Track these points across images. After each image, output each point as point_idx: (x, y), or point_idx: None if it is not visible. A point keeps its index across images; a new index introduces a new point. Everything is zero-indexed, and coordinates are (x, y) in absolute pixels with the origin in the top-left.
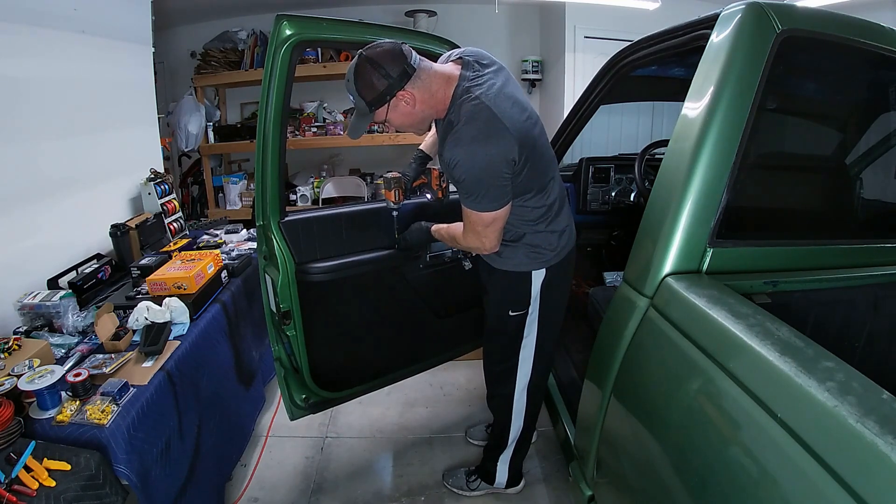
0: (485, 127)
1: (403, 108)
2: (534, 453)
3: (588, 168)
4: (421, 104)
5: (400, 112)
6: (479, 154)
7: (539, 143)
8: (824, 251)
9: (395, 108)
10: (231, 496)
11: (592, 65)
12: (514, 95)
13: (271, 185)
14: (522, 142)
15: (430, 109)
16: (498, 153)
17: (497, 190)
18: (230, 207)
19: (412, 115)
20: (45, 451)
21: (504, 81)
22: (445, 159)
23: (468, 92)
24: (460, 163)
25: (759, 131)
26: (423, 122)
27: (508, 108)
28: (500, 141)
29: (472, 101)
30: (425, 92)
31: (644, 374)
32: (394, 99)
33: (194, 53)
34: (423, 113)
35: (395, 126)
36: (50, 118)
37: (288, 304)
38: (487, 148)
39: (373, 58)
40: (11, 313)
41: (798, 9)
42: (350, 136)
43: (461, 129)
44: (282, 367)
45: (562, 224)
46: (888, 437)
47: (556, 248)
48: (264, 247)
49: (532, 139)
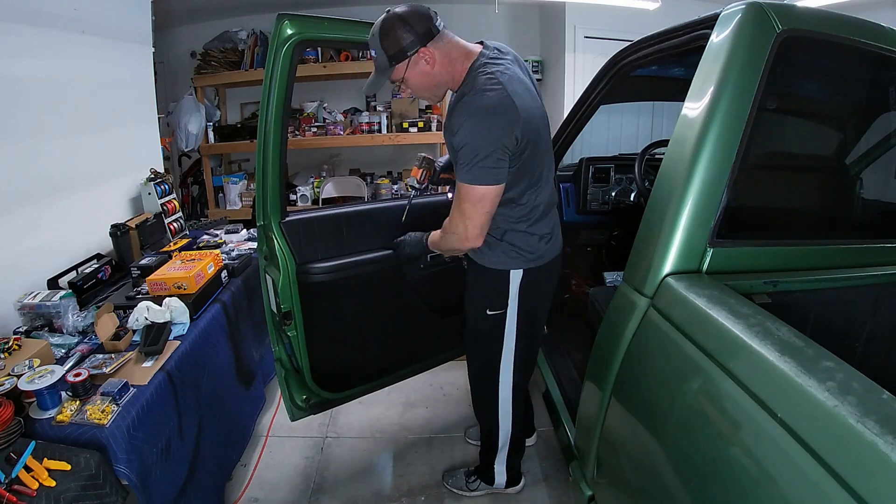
0: (495, 99)
1: (423, 67)
2: (534, 453)
3: (588, 168)
4: (440, 67)
5: (418, 71)
6: (485, 121)
7: (542, 136)
8: (824, 251)
9: (414, 66)
10: (231, 496)
11: (592, 65)
12: (528, 85)
13: (272, 185)
14: (527, 125)
15: (447, 76)
16: (503, 124)
17: (494, 163)
18: (230, 207)
19: (429, 76)
20: (45, 451)
21: (520, 71)
22: (450, 125)
23: (484, 67)
24: (464, 127)
25: (758, 131)
26: (439, 87)
27: (520, 91)
28: (508, 114)
29: (486, 75)
30: (445, 57)
31: (644, 374)
32: (415, 56)
33: (194, 53)
34: (440, 77)
35: (410, 86)
36: (50, 118)
37: (289, 305)
38: (494, 118)
39: (400, 13)
40: (11, 313)
41: (798, 9)
42: (365, 91)
43: (472, 97)
44: (282, 367)
45: (543, 229)
46: (888, 437)
47: (535, 252)
48: (265, 247)
49: (536, 129)
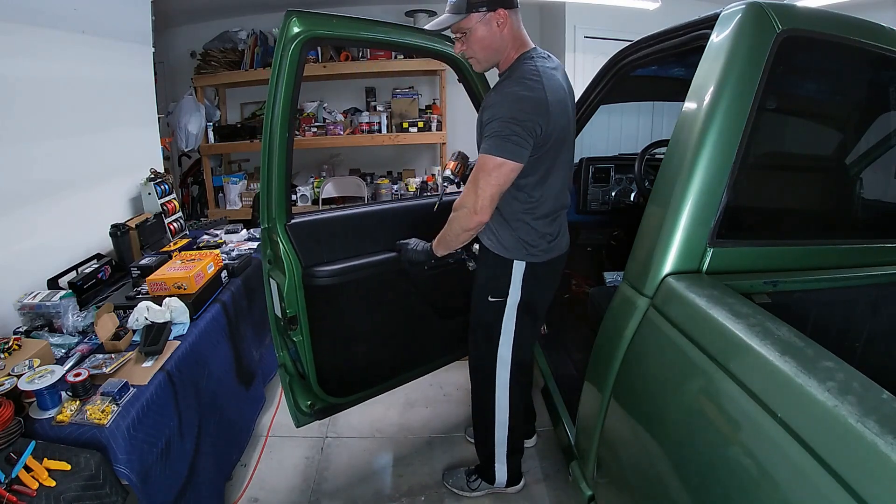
0: (531, 89)
1: (493, 28)
2: (534, 453)
3: (588, 168)
4: (507, 34)
5: (488, 29)
6: (518, 103)
7: (566, 141)
8: (824, 251)
9: (487, 22)
10: (231, 496)
11: (592, 65)
12: (564, 94)
13: (277, 186)
14: (554, 124)
15: (505, 49)
16: (533, 111)
17: (517, 140)
18: (230, 207)
19: (495, 38)
20: (45, 451)
21: (562, 80)
22: (485, 104)
23: (532, 61)
24: (496, 104)
25: (759, 131)
26: (495, 54)
27: (556, 93)
28: (539, 104)
29: (529, 67)
30: (513, 29)
31: (644, 374)
32: (493, 13)
33: (194, 53)
34: (501, 45)
35: (473, 40)
36: (50, 118)
37: (295, 309)
38: (525, 103)
39: None
40: (11, 313)
41: (798, 9)
42: (431, 27)
43: (511, 83)
44: (287, 373)
45: (547, 227)
46: (888, 437)
47: (537, 246)
48: (269, 250)
49: (561, 132)
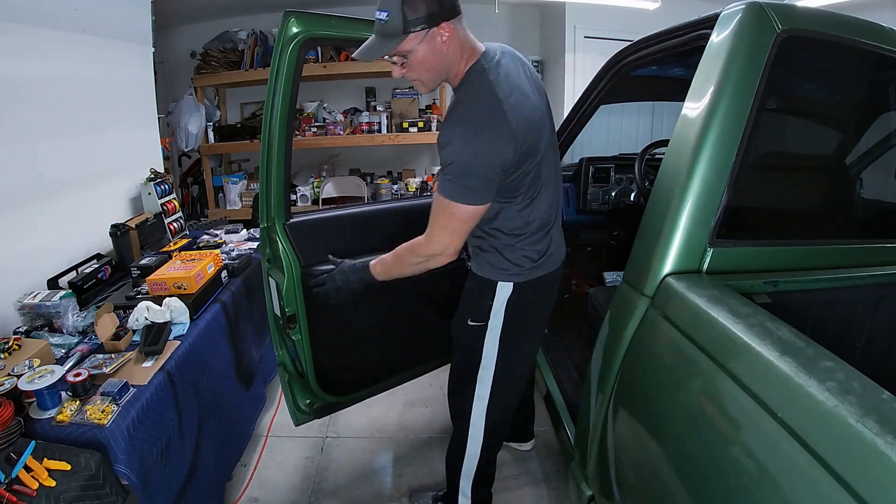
0: (487, 113)
1: (438, 44)
2: (534, 453)
3: (588, 168)
4: (452, 49)
5: (431, 47)
6: (476, 141)
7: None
8: (824, 251)
9: (429, 41)
10: (231, 496)
11: (592, 65)
12: (527, 92)
13: (276, 185)
14: (521, 141)
15: (453, 64)
16: (494, 147)
17: (483, 183)
18: (230, 207)
19: (440, 57)
20: (45, 451)
21: (523, 75)
22: (442, 135)
23: (484, 74)
24: (453, 143)
25: (758, 131)
26: (442, 72)
27: (519, 102)
28: (499, 134)
29: (484, 85)
30: (458, 43)
31: (644, 374)
32: (436, 28)
33: (194, 53)
34: (448, 62)
35: (416, 62)
36: (50, 118)
37: (293, 308)
38: (485, 137)
39: None
40: (11, 313)
41: (798, 9)
42: (360, 56)
43: (465, 107)
44: (286, 371)
45: (535, 247)
46: (888, 436)
47: (525, 266)
48: (268, 249)
49: (535, 141)
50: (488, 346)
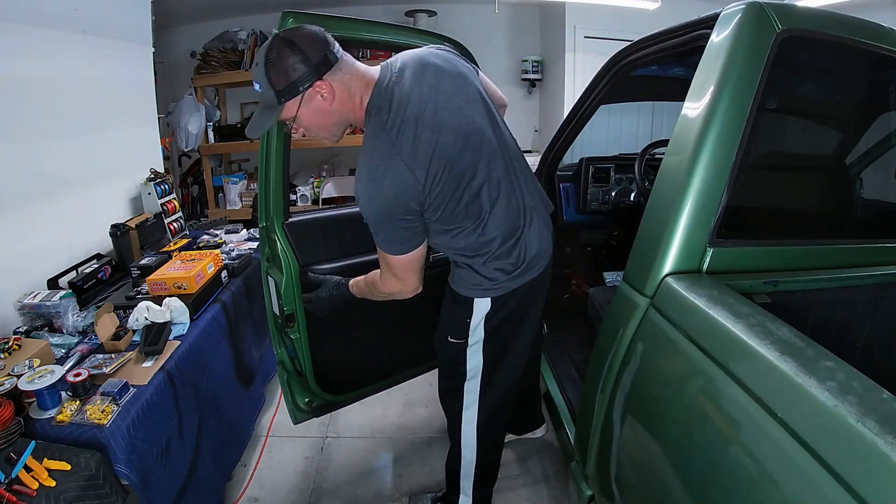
0: (381, 161)
1: (319, 103)
2: (534, 453)
3: (588, 168)
4: (339, 102)
5: (314, 108)
6: (377, 194)
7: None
8: (824, 251)
9: (309, 103)
10: (231, 496)
11: (592, 65)
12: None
13: (275, 185)
14: (434, 173)
15: (348, 112)
16: (395, 197)
17: (402, 231)
18: (230, 207)
19: (327, 114)
20: (45, 451)
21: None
22: (355, 191)
23: (378, 113)
24: (361, 200)
25: (758, 131)
26: (338, 126)
27: (421, 131)
28: (399, 178)
29: (374, 125)
30: (345, 90)
31: (644, 374)
32: (310, 90)
33: (194, 53)
34: (340, 115)
35: (304, 126)
36: (50, 118)
37: (292, 307)
38: (383, 186)
39: (291, 39)
40: (11, 313)
41: (798, 9)
42: (249, 133)
43: (362, 157)
44: (284, 370)
45: (506, 260)
46: (888, 436)
47: (499, 280)
48: (266, 248)
49: (463, 161)
50: (471, 360)
